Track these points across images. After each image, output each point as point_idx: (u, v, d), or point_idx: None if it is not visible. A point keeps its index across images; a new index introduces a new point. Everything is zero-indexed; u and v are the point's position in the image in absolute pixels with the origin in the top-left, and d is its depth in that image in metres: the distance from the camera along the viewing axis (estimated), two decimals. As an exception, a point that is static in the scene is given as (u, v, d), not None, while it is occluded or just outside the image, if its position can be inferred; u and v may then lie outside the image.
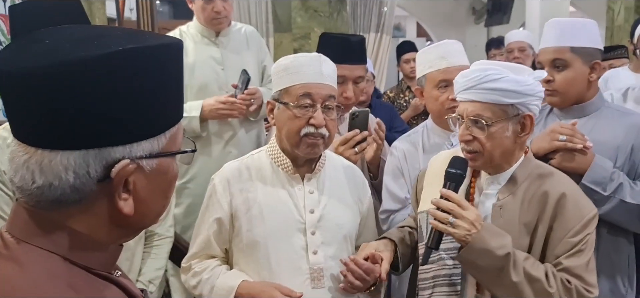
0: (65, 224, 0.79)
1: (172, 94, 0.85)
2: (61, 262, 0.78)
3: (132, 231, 0.88)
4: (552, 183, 1.63)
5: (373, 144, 2.22)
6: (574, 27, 2.02)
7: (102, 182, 0.78)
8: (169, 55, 0.84)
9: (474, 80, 1.59)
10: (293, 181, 1.80)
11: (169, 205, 0.91)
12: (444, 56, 2.16)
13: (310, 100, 1.73)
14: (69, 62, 0.74)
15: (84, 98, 0.74)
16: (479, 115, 1.59)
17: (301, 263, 1.74)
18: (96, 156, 0.77)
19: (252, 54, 2.95)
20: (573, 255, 1.57)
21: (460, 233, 1.54)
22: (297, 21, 5.49)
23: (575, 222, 1.58)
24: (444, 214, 1.56)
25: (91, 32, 0.82)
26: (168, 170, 0.85)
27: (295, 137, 1.74)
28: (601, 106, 2.05)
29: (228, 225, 1.79)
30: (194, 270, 1.82)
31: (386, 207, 2.17)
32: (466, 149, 1.65)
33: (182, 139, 0.89)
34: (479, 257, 1.54)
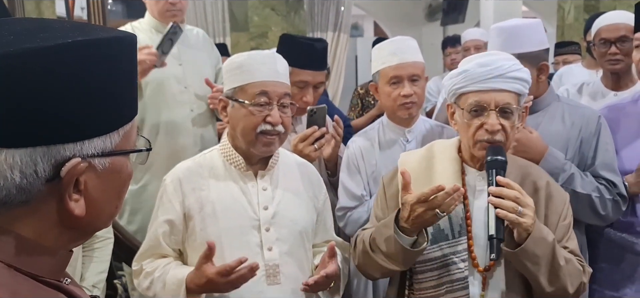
0: (10, 229, 0.74)
1: (126, 90, 0.82)
2: (5, 269, 0.73)
3: (83, 234, 0.84)
4: (536, 173, 1.69)
5: (331, 140, 2.21)
6: (519, 34, 2.04)
7: (51, 181, 0.73)
8: (122, 49, 0.80)
9: (501, 70, 1.57)
10: (246, 178, 1.78)
11: (121, 206, 0.87)
12: (396, 52, 2.17)
13: (267, 98, 1.72)
14: (10, 55, 0.69)
15: (29, 92, 0.70)
16: (509, 104, 1.58)
17: (256, 260, 1.70)
18: (44, 154, 0.72)
19: (206, 54, 2.95)
20: (570, 238, 1.65)
21: (529, 221, 1.48)
22: (254, 20, 5.45)
23: (561, 206, 1.65)
24: (511, 203, 1.49)
25: (38, 25, 0.78)
26: (122, 169, 0.82)
27: (251, 135, 1.72)
28: (552, 101, 2.10)
29: (180, 226, 1.76)
30: (146, 271, 1.78)
31: (343, 204, 2.17)
32: (492, 139, 1.59)
33: (136, 136, 0.86)
34: (539, 247, 1.50)
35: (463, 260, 1.64)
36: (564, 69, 3.85)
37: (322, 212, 1.93)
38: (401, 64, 2.14)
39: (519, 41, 2.02)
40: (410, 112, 2.16)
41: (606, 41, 2.67)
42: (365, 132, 2.31)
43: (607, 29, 2.70)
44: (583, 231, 2.07)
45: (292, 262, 1.77)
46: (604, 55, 2.69)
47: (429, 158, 1.76)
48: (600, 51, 2.71)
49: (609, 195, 1.96)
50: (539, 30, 2.08)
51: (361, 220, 2.11)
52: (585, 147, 2.01)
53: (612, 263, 2.14)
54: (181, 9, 2.79)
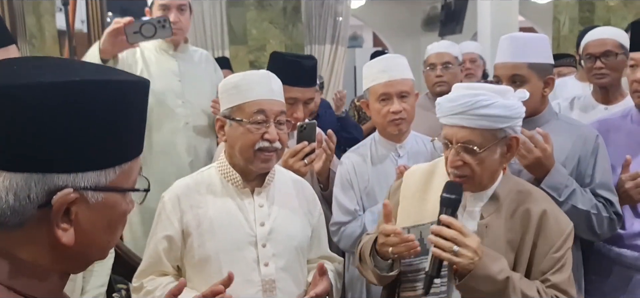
0: (9, 251, 0.77)
1: (128, 131, 0.84)
2: (4, 291, 0.77)
3: (75, 263, 0.85)
4: (533, 201, 1.66)
5: (322, 155, 2.25)
6: (530, 43, 2.07)
7: (43, 208, 0.76)
8: (129, 93, 0.83)
9: (465, 106, 1.57)
10: (243, 195, 1.82)
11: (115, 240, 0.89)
12: (385, 70, 2.20)
13: (264, 116, 1.76)
14: (19, 86, 0.74)
15: (31, 122, 0.74)
16: (470, 141, 1.58)
17: (253, 275, 1.75)
18: (39, 181, 0.75)
19: (208, 73, 3.03)
20: (558, 271, 1.60)
21: (465, 262, 1.51)
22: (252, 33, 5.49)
23: (557, 237, 1.61)
24: (447, 242, 1.53)
25: (62, 63, 0.82)
26: (115, 206, 0.83)
27: (249, 152, 1.76)
28: (551, 118, 2.12)
29: (179, 243, 1.79)
30: (146, 289, 1.80)
31: (336, 219, 2.20)
32: (456, 174, 1.63)
33: (138, 175, 0.87)
34: (482, 284, 1.52)
35: (441, 276, 1.66)
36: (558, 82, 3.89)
37: (317, 227, 1.96)
38: (390, 81, 2.17)
39: (530, 51, 2.05)
40: (400, 128, 2.20)
41: (592, 56, 2.72)
42: (357, 148, 2.35)
43: (592, 44, 2.75)
44: (579, 246, 2.09)
45: (288, 278, 1.80)
46: (591, 69, 2.74)
47: (430, 174, 1.79)
48: (587, 66, 2.76)
49: (606, 213, 1.98)
50: (547, 45, 2.11)
51: (355, 235, 2.14)
52: (582, 165, 2.03)
53: (601, 276, 2.17)
54: (182, 28, 2.85)
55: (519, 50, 2.05)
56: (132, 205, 0.88)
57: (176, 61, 2.89)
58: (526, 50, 2.05)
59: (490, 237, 1.64)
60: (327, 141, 2.26)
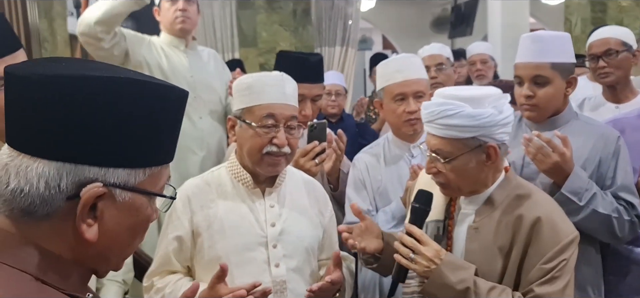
0: (37, 243, 0.79)
1: (163, 134, 0.86)
2: (32, 281, 0.78)
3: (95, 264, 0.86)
4: (529, 207, 1.59)
5: (332, 155, 2.25)
6: (553, 42, 2.04)
7: (72, 199, 0.78)
8: (168, 98, 0.85)
9: (432, 115, 1.58)
10: (253, 196, 1.82)
11: (134, 249, 0.90)
12: (401, 69, 2.20)
13: (274, 120, 1.75)
14: (61, 76, 0.77)
15: (72, 111, 0.76)
16: (439, 150, 1.59)
17: (264, 276, 1.74)
18: (71, 171, 0.78)
19: (217, 71, 3.11)
20: (546, 283, 1.52)
21: (420, 269, 1.58)
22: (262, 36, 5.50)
23: (550, 247, 1.53)
24: (406, 249, 1.59)
25: (107, 66, 0.85)
26: (140, 209, 0.85)
27: (257, 155, 1.76)
28: (571, 119, 2.09)
29: (189, 243, 1.79)
30: (157, 287, 1.80)
31: (349, 219, 2.19)
32: (434, 180, 1.66)
33: (165, 183, 0.89)
34: (439, 291, 1.56)
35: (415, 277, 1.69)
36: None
37: (328, 228, 1.96)
38: (406, 81, 2.17)
39: (553, 50, 2.02)
40: (415, 128, 2.19)
41: (595, 56, 2.73)
42: (370, 148, 2.34)
43: (595, 44, 2.76)
44: (599, 250, 2.06)
45: (299, 279, 1.79)
46: (595, 69, 2.74)
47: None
48: (591, 66, 2.78)
49: (627, 216, 1.95)
50: (570, 44, 2.08)
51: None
52: (603, 166, 2.00)
53: (618, 276, 2.14)
54: (191, 17, 2.91)
55: (541, 50, 2.02)
56: (157, 215, 0.90)
57: (187, 57, 2.95)
58: (549, 49, 2.02)
59: (480, 241, 1.62)
60: (337, 141, 2.26)
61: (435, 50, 3.40)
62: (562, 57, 2.03)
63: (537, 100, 2.03)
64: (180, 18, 2.86)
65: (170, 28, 2.91)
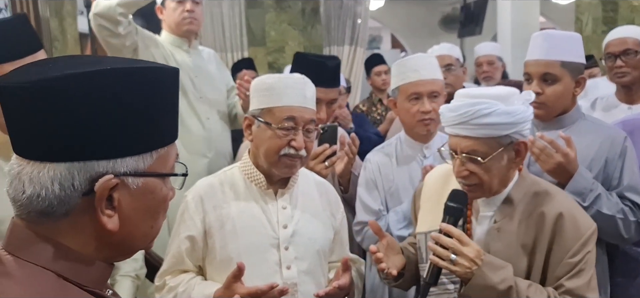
0: (58, 240, 0.81)
1: (163, 116, 0.87)
2: (55, 278, 0.80)
3: (120, 251, 0.89)
4: (549, 203, 1.61)
5: (343, 157, 2.24)
6: (563, 41, 2.04)
7: (87, 195, 0.80)
8: (161, 79, 0.86)
9: (465, 116, 1.54)
10: (266, 197, 1.81)
11: (158, 228, 0.91)
12: (416, 69, 2.19)
13: (294, 123, 1.75)
14: (54, 78, 0.77)
15: (68, 111, 0.77)
16: (474, 151, 1.56)
17: (275, 278, 1.74)
18: (81, 169, 0.79)
19: (219, 71, 3.11)
20: (574, 276, 1.55)
21: (461, 270, 1.52)
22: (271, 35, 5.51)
23: (573, 241, 1.55)
24: (445, 251, 1.53)
25: (94, 59, 0.86)
26: (155, 191, 0.86)
27: (274, 157, 1.76)
28: (578, 119, 2.08)
29: (201, 243, 1.79)
30: (169, 286, 1.80)
31: (360, 218, 2.19)
32: (464, 183, 1.61)
33: (175, 161, 0.90)
34: (481, 293, 1.52)
35: (454, 281, 1.67)
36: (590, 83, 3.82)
37: (339, 230, 1.95)
38: (421, 80, 2.16)
39: (563, 49, 2.02)
40: (429, 129, 2.18)
41: (612, 55, 2.71)
42: (382, 148, 2.33)
43: (613, 43, 2.74)
44: (604, 251, 2.05)
45: (310, 281, 1.79)
46: (612, 68, 2.72)
47: (446, 177, 1.77)
48: (608, 65, 2.76)
49: (633, 217, 1.94)
50: (580, 44, 2.08)
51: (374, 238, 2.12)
52: (610, 167, 1.99)
53: (628, 278, 2.13)
54: (197, 18, 2.91)
55: (552, 48, 2.02)
56: (173, 193, 0.91)
57: (190, 57, 2.94)
58: (559, 48, 2.02)
59: (503, 241, 1.61)
60: (349, 144, 2.25)
61: (444, 50, 3.37)
62: (572, 57, 2.03)
63: (545, 97, 2.02)
64: (188, 19, 2.86)
65: (175, 28, 2.90)
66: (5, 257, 0.80)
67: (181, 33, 2.90)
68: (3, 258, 0.80)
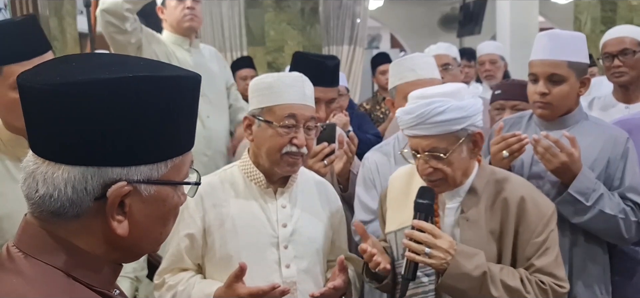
0: (69, 241, 0.82)
1: (179, 125, 0.87)
2: (64, 278, 0.81)
3: (129, 254, 0.89)
4: (510, 189, 1.69)
5: (342, 156, 2.25)
6: (569, 41, 2.04)
7: (99, 200, 0.80)
8: (181, 87, 0.86)
9: (421, 117, 1.60)
10: (266, 196, 1.82)
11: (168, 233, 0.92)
12: (414, 68, 2.19)
13: (294, 120, 1.76)
14: (79, 82, 0.77)
15: (88, 116, 0.78)
16: (435, 148, 1.63)
17: (274, 277, 1.75)
18: (95, 174, 0.79)
19: (219, 69, 3.12)
20: (542, 255, 1.64)
21: (437, 263, 1.58)
22: (270, 34, 5.51)
23: (537, 222, 1.65)
24: (419, 245, 1.59)
25: (117, 59, 0.86)
26: (167, 199, 0.87)
27: (277, 155, 1.76)
28: (580, 119, 2.09)
29: (201, 241, 1.79)
30: (169, 284, 1.81)
31: (359, 217, 2.19)
32: (429, 180, 1.68)
33: (189, 169, 0.90)
34: (458, 282, 1.58)
35: (427, 274, 1.71)
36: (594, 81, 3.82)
37: (338, 229, 1.96)
38: (418, 80, 2.16)
39: (569, 49, 2.02)
40: None
41: (609, 54, 2.71)
42: (381, 147, 2.33)
43: (610, 42, 2.74)
44: (606, 250, 2.06)
45: (309, 280, 1.80)
46: (609, 68, 2.73)
47: (410, 175, 1.81)
48: (605, 64, 2.76)
49: (634, 217, 1.95)
50: (585, 45, 2.08)
51: (377, 233, 2.13)
52: (612, 167, 2.00)
53: (624, 277, 2.13)
54: (197, 15, 2.93)
55: (558, 48, 2.02)
56: (185, 198, 0.92)
57: (191, 55, 2.96)
58: (566, 48, 2.02)
59: (472, 229, 1.68)
60: (348, 143, 2.26)
61: (441, 50, 3.38)
62: (578, 57, 2.03)
63: (551, 97, 2.03)
64: (188, 16, 2.88)
65: (176, 26, 2.92)
66: (17, 254, 0.81)
67: (182, 31, 2.93)
68: (15, 256, 0.81)
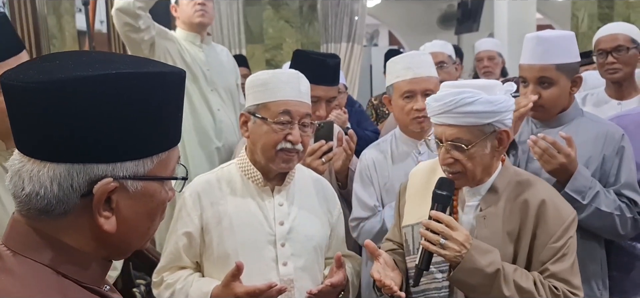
0: (57, 238, 0.82)
1: (165, 121, 0.87)
2: (53, 275, 0.81)
3: (117, 250, 0.89)
4: (532, 191, 1.67)
5: (342, 153, 2.26)
6: (557, 43, 2.03)
7: (86, 197, 0.80)
8: (165, 82, 0.86)
9: (449, 105, 1.59)
10: (263, 193, 1.83)
11: (155, 228, 0.92)
12: (410, 67, 2.20)
13: (289, 117, 1.76)
14: (62, 80, 0.77)
15: (72, 114, 0.77)
16: (458, 139, 1.61)
17: (271, 274, 1.75)
18: (81, 171, 0.79)
19: (230, 66, 3.21)
20: (558, 261, 1.61)
21: (451, 254, 1.57)
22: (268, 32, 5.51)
23: (556, 227, 1.62)
24: (435, 235, 1.58)
25: (101, 57, 0.85)
26: (154, 194, 0.87)
27: (271, 151, 1.77)
28: (576, 116, 2.09)
29: (198, 239, 1.80)
30: (167, 282, 1.82)
31: (356, 215, 2.21)
32: (449, 171, 1.66)
33: (176, 164, 0.90)
34: (470, 276, 1.57)
35: (441, 270, 1.70)
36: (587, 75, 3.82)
37: (336, 226, 1.97)
38: (415, 78, 2.17)
39: (557, 51, 2.02)
40: (423, 126, 2.20)
41: (603, 51, 2.71)
42: (378, 145, 2.35)
43: (604, 39, 2.74)
44: (603, 245, 2.07)
45: (307, 277, 1.80)
46: (603, 65, 2.73)
47: (432, 170, 1.81)
48: (599, 61, 2.76)
49: (630, 213, 1.96)
50: (574, 43, 2.08)
51: (374, 231, 2.15)
52: (607, 164, 2.00)
53: (622, 272, 2.15)
54: (209, 12, 2.99)
55: (546, 52, 2.02)
56: (173, 194, 0.91)
57: (203, 52, 3.02)
58: (554, 51, 2.02)
59: (489, 228, 1.66)
60: (347, 141, 2.27)
61: (436, 47, 3.41)
62: (567, 58, 2.03)
63: (542, 101, 2.04)
64: (199, 11, 2.94)
65: (188, 22, 2.99)
66: (5, 253, 0.81)
67: (194, 27, 2.99)
68: (3, 254, 0.81)
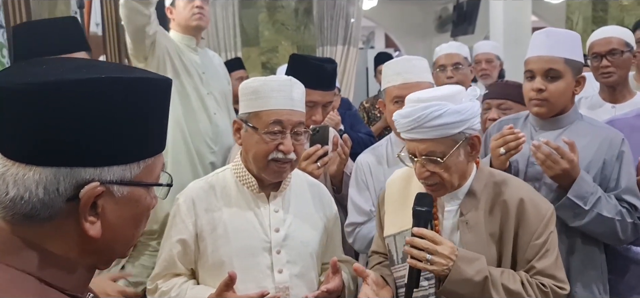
0: (40, 245, 0.81)
1: (152, 126, 0.87)
2: (36, 283, 0.80)
3: (103, 257, 0.88)
4: (509, 191, 1.69)
5: (336, 158, 2.25)
6: (566, 39, 2.04)
7: (71, 201, 0.79)
8: (151, 89, 0.86)
9: (418, 120, 1.58)
10: (258, 200, 1.81)
11: (139, 235, 0.92)
12: (400, 72, 2.18)
13: (281, 127, 1.73)
14: (48, 82, 0.77)
15: (60, 117, 0.77)
16: (432, 152, 1.61)
17: (267, 282, 1.74)
18: (67, 175, 0.79)
19: (223, 71, 3.20)
20: (542, 257, 1.64)
21: (438, 269, 1.57)
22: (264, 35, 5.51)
23: (537, 224, 1.64)
24: (421, 252, 1.58)
25: (89, 63, 0.85)
26: (140, 200, 0.86)
27: (263, 161, 1.74)
28: (575, 119, 2.09)
29: (193, 246, 1.78)
30: (161, 290, 1.80)
31: (352, 220, 2.20)
32: (427, 183, 1.67)
33: (161, 171, 0.90)
34: (459, 287, 1.57)
35: (427, 278, 1.70)
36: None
37: (332, 231, 1.95)
38: (404, 84, 2.15)
39: (566, 47, 2.02)
40: None
41: (597, 55, 2.71)
42: (373, 149, 2.34)
43: (598, 43, 2.74)
44: (603, 250, 2.07)
45: (302, 285, 1.79)
46: (597, 68, 2.73)
47: (409, 177, 1.80)
48: (593, 65, 2.76)
49: (630, 218, 1.96)
50: (580, 44, 2.09)
51: (370, 236, 2.14)
52: (607, 169, 2.00)
53: (617, 275, 2.15)
54: (206, 15, 2.96)
55: (555, 45, 2.02)
56: (156, 201, 0.91)
57: (198, 55, 3.00)
58: (562, 45, 2.03)
59: (472, 232, 1.67)
60: (342, 145, 2.26)
61: (452, 49, 3.37)
62: (574, 55, 2.04)
63: (548, 94, 2.03)
64: (197, 14, 2.91)
65: (184, 25, 2.96)
66: None
67: (190, 30, 2.96)
68: None
